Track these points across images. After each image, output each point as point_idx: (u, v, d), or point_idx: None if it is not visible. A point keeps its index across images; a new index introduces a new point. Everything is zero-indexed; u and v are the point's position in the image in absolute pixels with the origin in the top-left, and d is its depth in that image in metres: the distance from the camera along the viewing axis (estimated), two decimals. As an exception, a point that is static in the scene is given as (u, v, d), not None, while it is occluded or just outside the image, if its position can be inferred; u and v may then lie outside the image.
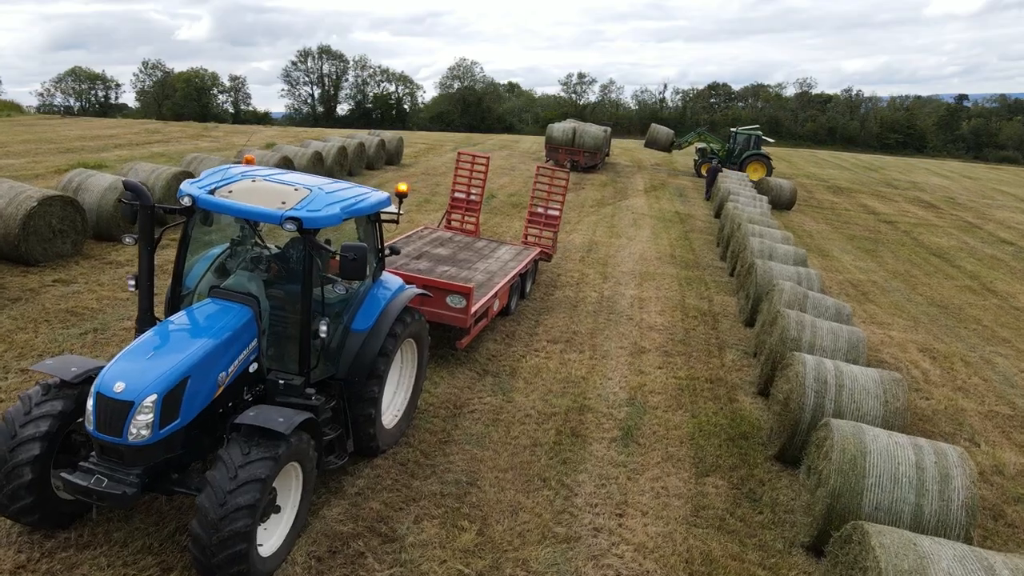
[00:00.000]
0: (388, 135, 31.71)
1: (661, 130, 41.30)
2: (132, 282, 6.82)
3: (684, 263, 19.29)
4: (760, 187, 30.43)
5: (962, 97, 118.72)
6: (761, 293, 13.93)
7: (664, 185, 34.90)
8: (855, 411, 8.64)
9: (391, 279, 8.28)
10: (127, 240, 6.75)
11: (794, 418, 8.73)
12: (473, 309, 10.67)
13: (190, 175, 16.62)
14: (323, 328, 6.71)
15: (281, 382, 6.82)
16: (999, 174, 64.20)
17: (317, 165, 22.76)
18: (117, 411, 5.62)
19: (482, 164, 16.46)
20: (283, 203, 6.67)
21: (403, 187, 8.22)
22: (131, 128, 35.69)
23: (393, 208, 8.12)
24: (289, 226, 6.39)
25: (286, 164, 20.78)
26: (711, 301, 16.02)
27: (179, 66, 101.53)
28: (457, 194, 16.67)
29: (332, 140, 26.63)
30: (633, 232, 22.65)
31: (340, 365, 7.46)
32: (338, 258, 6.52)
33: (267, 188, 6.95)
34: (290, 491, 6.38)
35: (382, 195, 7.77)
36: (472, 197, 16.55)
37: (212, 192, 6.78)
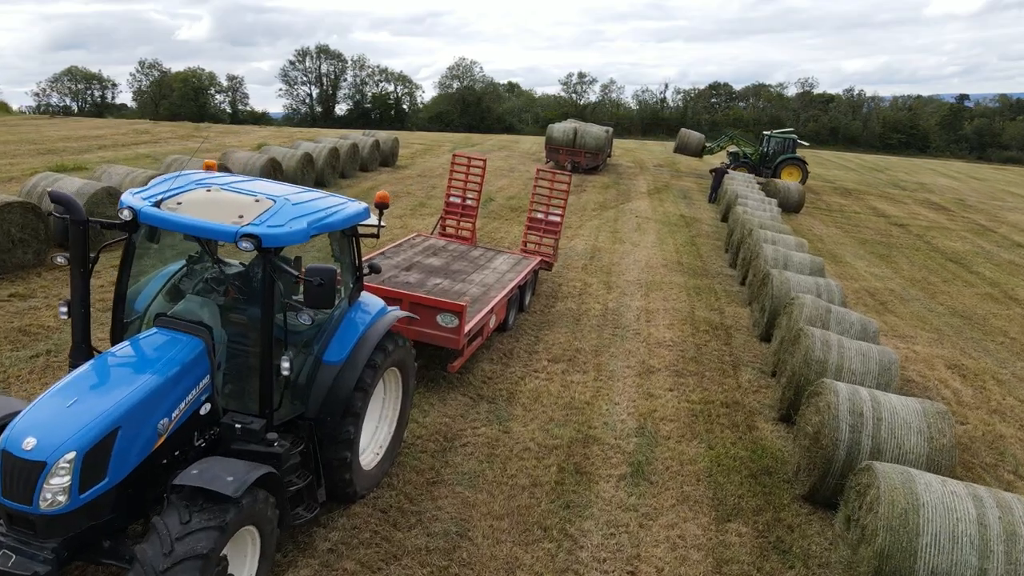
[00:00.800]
0: (383, 135, 30.73)
1: (692, 135, 39.94)
2: (64, 309, 5.85)
3: (692, 271, 18.31)
4: (768, 189, 29.45)
5: (963, 97, 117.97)
6: (778, 306, 12.94)
7: (668, 187, 33.92)
8: (896, 448, 7.66)
9: (371, 301, 7.30)
10: (59, 259, 5.77)
11: (827, 456, 7.75)
12: (467, 328, 9.69)
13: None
14: (285, 365, 5.72)
15: (238, 426, 5.83)
16: (1006, 175, 63.22)
17: (307, 167, 21.77)
18: (26, 473, 4.64)
19: (478, 167, 15.48)
20: (240, 217, 5.69)
21: (384, 197, 7.22)
22: (119, 128, 34.68)
23: (373, 220, 7.14)
24: (245, 244, 5.41)
25: (273, 166, 19.80)
26: (722, 313, 15.03)
27: (179, 66, 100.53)
28: (452, 199, 15.70)
29: (324, 141, 25.65)
30: (637, 237, 21.67)
31: (310, 402, 6.48)
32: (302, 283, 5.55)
33: (223, 199, 5.97)
34: (245, 557, 5.40)
35: (359, 206, 6.79)
36: (468, 202, 15.58)
37: (158, 204, 5.80)
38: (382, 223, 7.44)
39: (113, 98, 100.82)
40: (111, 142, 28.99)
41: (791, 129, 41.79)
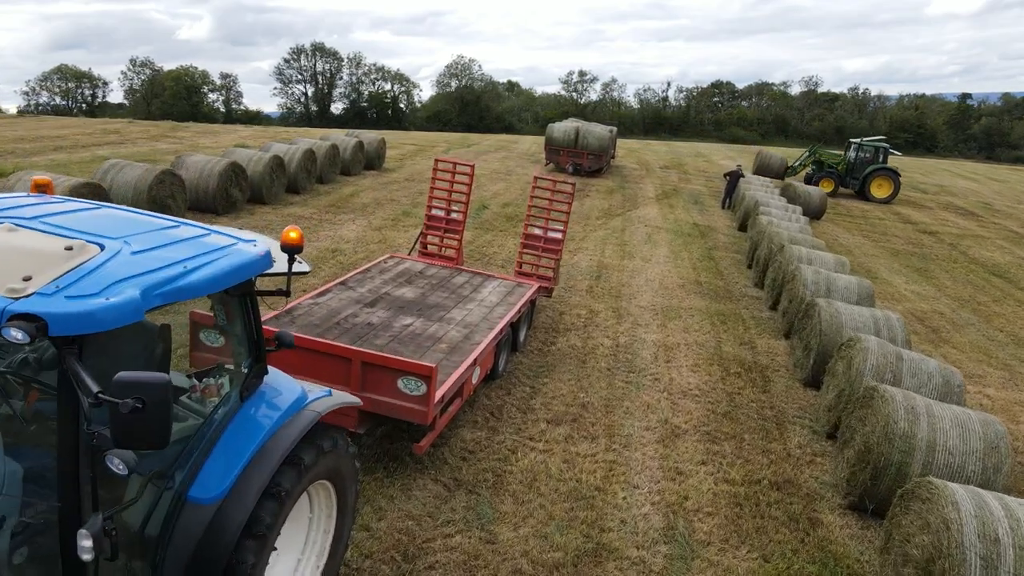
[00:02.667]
0: (368, 136, 28.34)
1: (773, 156, 35.65)
2: None
3: (713, 292, 15.93)
4: (788, 194, 27.08)
5: (965, 96, 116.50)
6: (829, 347, 10.58)
7: (677, 191, 31.54)
8: (1051, 593, 5.29)
9: (282, 386, 4.91)
10: None
11: (948, 601, 5.38)
12: (440, 395, 7.32)
13: (99, 188, 13.28)
14: (86, 543, 3.35)
15: None
16: (1022, 175, 60.84)
17: (277, 172, 19.38)
18: None
19: (465, 174, 13.11)
20: (26, 280, 3.32)
21: (294, 235, 4.80)
22: (86, 128, 32.29)
23: (282, 265, 4.77)
24: (15, 333, 3.03)
25: (235, 172, 17.41)
26: (754, 348, 12.66)
27: (180, 66, 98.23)
28: (435, 211, 13.32)
29: (299, 142, 23.26)
30: (648, 251, 19.29)
31: (166, 565, 4.10)
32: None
33: (15, 245, 3.62)
34: None
35: (253, 252, 4.39)
36: (453, 215, 13.21)
37: None
38: (300, 263, 5.08)
39: (104, 97, 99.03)
40: (71, 143, 26.62)
41: (882, 137, 38.30)
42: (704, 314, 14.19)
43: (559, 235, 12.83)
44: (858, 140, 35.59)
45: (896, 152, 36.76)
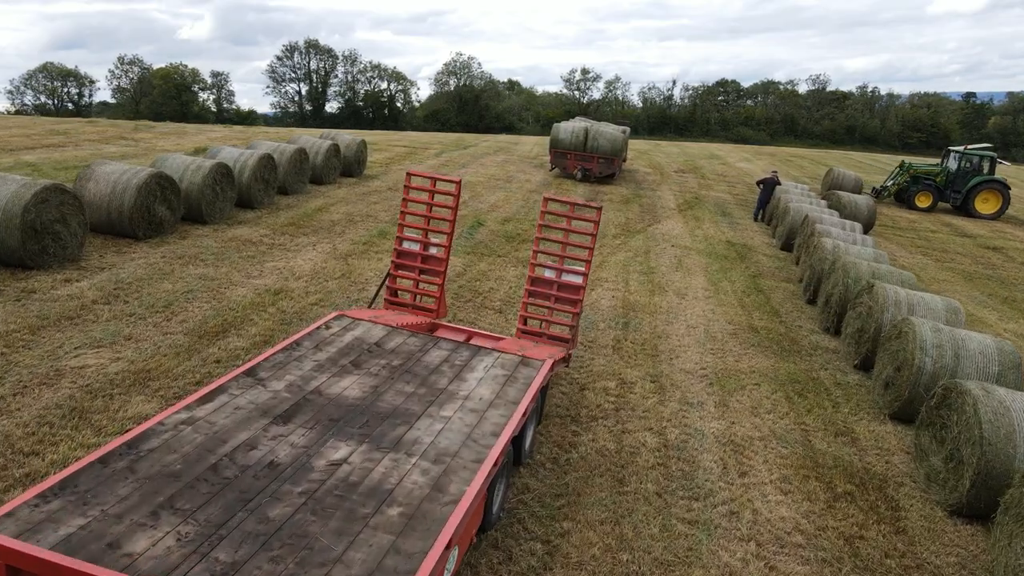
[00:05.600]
0: (346, 138, 24.59)
1: (847, 174, 30.67)
2: None
3: (775, 343, 12.22)
4: (832, 204, 23.38)
5: (969, 95, 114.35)
6: (997, 464, 6.91)
7: (699, 200, 27.81)
8: None
9: None
10: None
11: None
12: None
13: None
14: None
15: None
16: (1056, 179, 57.12)
17: (222, 183, 15.61)
18: None
19: (449, 192, 9.43)
20: None
21: None
22: (29, 128, 28.53)
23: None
24: None
25: (161, 186, 13.65)
26: (855, 440, 8.96)
27: (169, 64, 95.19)
28: (407, 244, 9.65)
29: (259, 146, 19.54)
30: (681, 281, 15.57)
31: None
32: None
33: None
34: None
35: None
36: (432, 251, 9.55)
37: None
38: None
39: (91, 96, 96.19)
40: (1, 145, 22.91)
41: (988, 145, 34.09)
42: (773, 381, 10.50)
43: (579, 279, 9.14)
44: (959, 148, 31.14)
45: (1004, 162, 32.19)
